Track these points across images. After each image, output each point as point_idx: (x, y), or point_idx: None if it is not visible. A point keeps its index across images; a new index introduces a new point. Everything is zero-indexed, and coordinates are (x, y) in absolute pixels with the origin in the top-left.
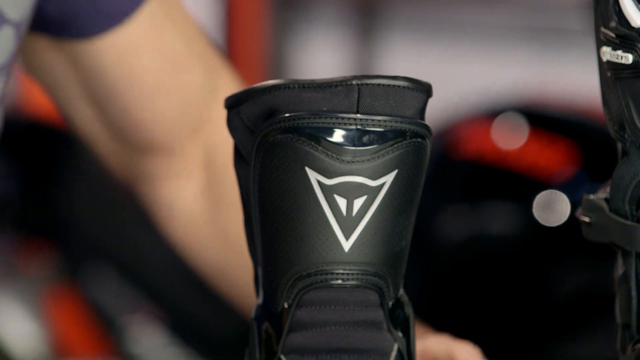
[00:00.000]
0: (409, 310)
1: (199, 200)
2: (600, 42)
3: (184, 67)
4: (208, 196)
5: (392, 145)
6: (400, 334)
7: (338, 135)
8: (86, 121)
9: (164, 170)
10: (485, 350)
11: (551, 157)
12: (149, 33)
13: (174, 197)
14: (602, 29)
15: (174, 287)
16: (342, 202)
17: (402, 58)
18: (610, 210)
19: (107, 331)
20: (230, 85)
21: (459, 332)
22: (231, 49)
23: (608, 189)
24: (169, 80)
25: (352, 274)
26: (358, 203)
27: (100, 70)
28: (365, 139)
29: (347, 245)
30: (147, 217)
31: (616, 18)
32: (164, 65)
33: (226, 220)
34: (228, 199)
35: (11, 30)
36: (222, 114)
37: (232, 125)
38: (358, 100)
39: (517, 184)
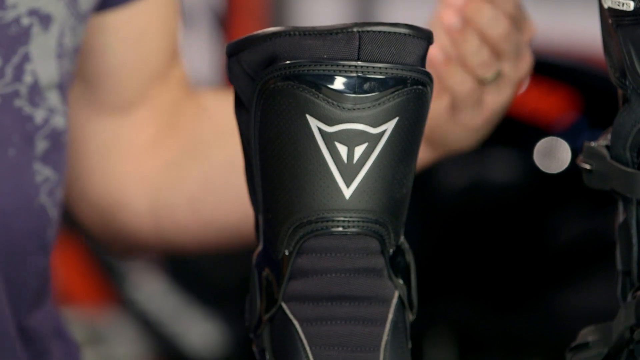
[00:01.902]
0: (409, 257)
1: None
2: None
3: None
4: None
5: (393, 92)
6: (401, 281)
7: (339, 83)
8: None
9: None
10: (485, 298)
11: (552, 104)
12: (159, 14)
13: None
14: None
15: None
16: (342, 150)
17: (403, 5)
18: (611, 157)
19: (108, 278)
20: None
21: (459, 279)
22: None
23: (609, 136)
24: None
25: (353, 221)
26: (359, 150)
27: (109, 47)
28: (366, 86)
29: (347, 192)
30: None
31: None
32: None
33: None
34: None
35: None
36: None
37: (233, 72)
38: (359, 48)
39: (518, 130)
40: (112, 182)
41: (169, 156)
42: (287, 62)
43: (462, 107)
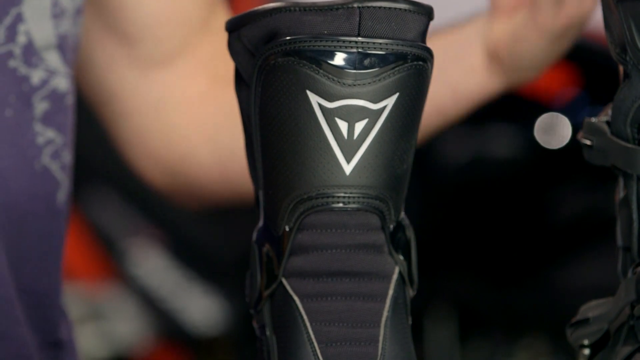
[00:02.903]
0: (410, 233)
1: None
2: None
3: None
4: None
5: (393, 68)
6: (401, 257)
7: (339, 59)
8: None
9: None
10: (486, 274)
11: (552, 79)
12: None
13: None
14: None
15: (176, 209)
16: (343, 126)
17: None
18: (612, 133)
19: (108, 253)
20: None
21: (460, 255)
22: None
23: (609, 112)
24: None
25: (354, 197)
26: (359, 126)
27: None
28: (366, 62)
29: (348, 168)
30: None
31: None
32: None
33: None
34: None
35: None
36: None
37: (233, 48)
38: (359, 23)
39: (519, 106)
40: (172, 136)
41: (225, 105)
42: (288, 38)
43: (542, 3)
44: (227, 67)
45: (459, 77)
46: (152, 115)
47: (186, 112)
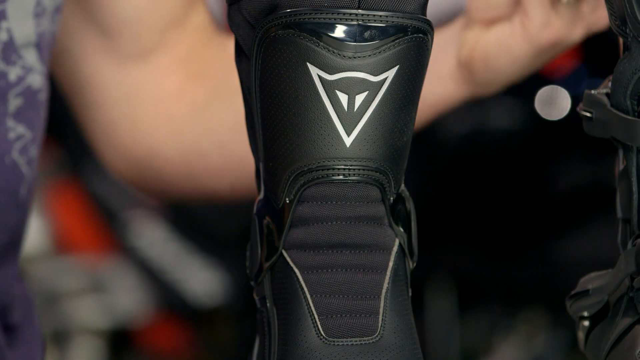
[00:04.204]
0: (410, 205)
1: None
2: None
3: None
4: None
5: (393, 40)
6: (401, 229)
7: (339, 31)
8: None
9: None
10: (485, 246)
11: None
12: None
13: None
14: None
15: None
16: (343, 98)
17: None
18: (612, 105)
19: (109, 225)
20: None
21: (459, 227)
22: None
23: (609, 84)
24: None
25: (354, 169)
26: (359, 99)
27: None
28: (366, 34)
29: (348, 140)
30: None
31: None
32: None
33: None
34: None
35: None
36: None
37: (233, 20)
38: None
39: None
40: (141, 130)
41: (196, 102)
42: (288, 10)
43: (534, 15)
44: (200, 64)
45: (426, 84)
46: (122, 107)
47: (156, 107)
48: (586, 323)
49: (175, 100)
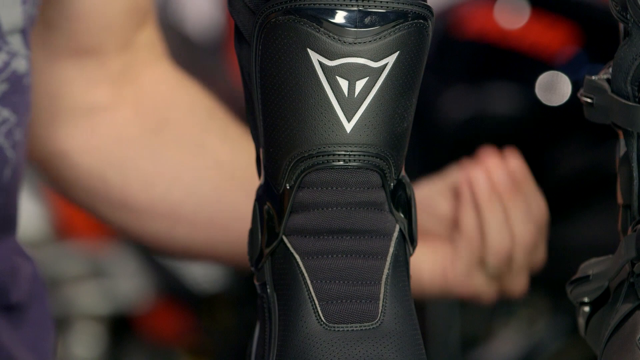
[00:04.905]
0: (410, 191)
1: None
2: None
3: None
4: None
5: (393, 26)
6: (401, 215)
7: (340, 17)
8: None
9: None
10: None
11: (553, 37)
12: None
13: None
14: None
15: None
16: (343, 84)
17: None
18: (612, 91)
19: None
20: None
21: None
22: None
23: (610, 70)
24: None
25: (354, 155)
26: (360, 84)
27: None
28: (367, 20)
29: (349, 126)
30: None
31: None
32: None
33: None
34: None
35: None
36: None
37: (234, 6)
38: None
39: (519, 63)
40: (54, 129)
41: (123, 129)
42: None
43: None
44: (137, 83)
45: None
46: (47, 100)
47: (82, 118)
48: (587, 309)
49: (102, 117)
